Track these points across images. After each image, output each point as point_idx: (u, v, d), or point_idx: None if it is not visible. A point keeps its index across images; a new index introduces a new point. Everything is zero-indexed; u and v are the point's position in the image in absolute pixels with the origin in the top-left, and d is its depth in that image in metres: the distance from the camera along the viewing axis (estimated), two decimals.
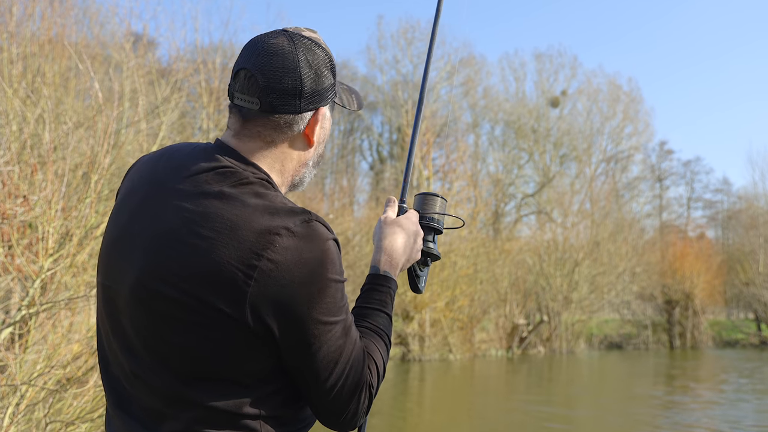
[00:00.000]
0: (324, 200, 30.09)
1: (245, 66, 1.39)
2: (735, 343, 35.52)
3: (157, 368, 1.31)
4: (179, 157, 1.42)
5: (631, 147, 45.15)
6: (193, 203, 1.31)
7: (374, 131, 43.24)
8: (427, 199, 1.80)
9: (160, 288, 1.28)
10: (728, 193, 50.97)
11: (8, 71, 9.25)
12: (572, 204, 36.45)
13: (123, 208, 1.43)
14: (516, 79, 43.96)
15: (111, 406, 1.40)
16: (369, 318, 1.50)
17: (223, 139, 1.45)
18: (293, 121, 1.41)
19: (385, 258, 1.60)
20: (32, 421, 5.28)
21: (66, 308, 6.10)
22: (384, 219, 1.68)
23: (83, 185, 7.08)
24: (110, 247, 1.41)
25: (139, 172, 1.46)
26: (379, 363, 1.44)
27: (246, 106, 1.39)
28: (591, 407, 15.18)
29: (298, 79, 1.38)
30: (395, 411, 13.89)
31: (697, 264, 34.86)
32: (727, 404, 15.38)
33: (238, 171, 1.36)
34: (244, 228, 1.27)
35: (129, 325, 1.34)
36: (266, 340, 1.29)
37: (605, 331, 34.19)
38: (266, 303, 1.25)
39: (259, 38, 1.42)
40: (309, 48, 1.41)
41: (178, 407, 1.30)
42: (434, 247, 1.78)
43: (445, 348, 25.53)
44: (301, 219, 1.30)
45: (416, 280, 1.79)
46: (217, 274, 1.25)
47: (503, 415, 13.84)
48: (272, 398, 1.34)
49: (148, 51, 16.41)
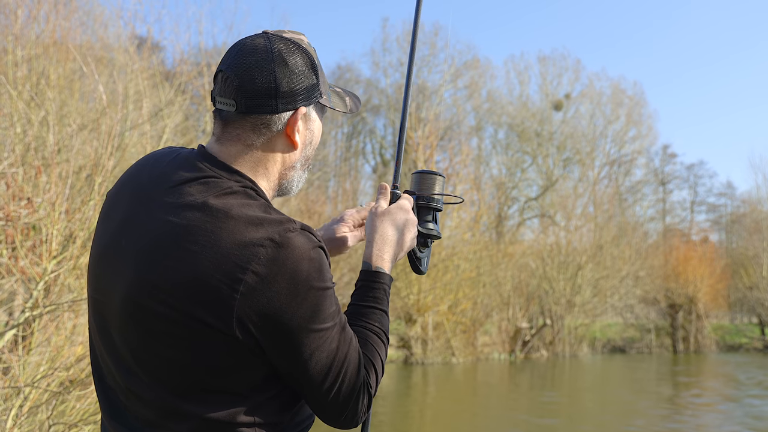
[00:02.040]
0: (327, 203, 30.05)
1: (222, 68, 1.39)
2: (738, 347, 35.40)
3: (149, 381, 1.30)
4: (162, 167, 1.41)
5: (634, 150, 45.11)
6: (177, 216, 1.30)
7: (377, 134, 43.26)
8: (424, 178, 1.76)
9: (148, 302, 1.28)
10: (732, 197, 50.93)
11: (13, 74, 9.26)
12: (575, 207, 36.37)
13: (108, 221, 1.42)
14: (520, 82, 43.95)
15: (106, 418, 1.40)
16: (364, 317, 1.49)
17: (207, 145, 1.44)
18: (270, 121, 1.39)
19: (376, 252, 1.57)
20: (35, 423, 5.28)
21: (69, 310, 6.10)
22: (375, 210, 1.65)
23: (87, 187, 7.09)
24: (98, 259, 1.41)
25: (124, 184, 1.45)
26: (376, 362, 1.43)
27: (224, 108, 1.39)
28: (594, 412, 15.14)
29: (272, 77, 1.36)
30: (397, 414, 13.87)
31: (701, 268, 34.76)
32: (732, 409, 15.33)
33: (221, 180, 1.35)
34: (229, 241, 1.26)
35: (119, 338, 1.33)
36: (257, 352, 1.28)
37: (608, 334, 34.10)
38: (254, 316, 1.25)
39: (239, 41, 1.43)
40: (286, 47, 1.39)
41: (173, 419, 1.29)
42: (434, 228, 1.75)
43: (447, 351, 25.49)
44: (286, 228, 1.29)
45: (417, 263, 1.76)
46: (202, 288, 1.24)
47: (506, 419, 13.82)
48: (267, 405, 1.33)
49: (153, 54, 16.42)
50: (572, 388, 19.92)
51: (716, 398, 17.43)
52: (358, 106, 1.60)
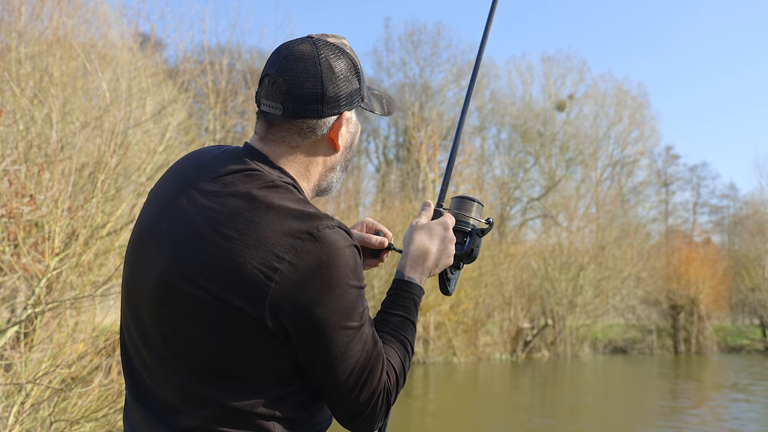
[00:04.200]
0: (330, 202, 30.06)
1: (269, 72, 1.42)
2: (740, 349, 35.36)
3: (175, 364, 1.33)
4: (208, 159, 1.45)
5: (637, 152, 45.02)
6: (219, 203, 1.33)
7: (380, 133, 43.23)
8: (463, 203, 1.80)
9: (182, 285, 1.30)
10: (734, 199, 50.78)
11: (16, 71, 9.28)
12: (578, 208, 36.36)
13: (151, 206, 1.45)
14: (523, 82, 43.88)
15: (130, 398, 1.43)
16: (391, 324, 1.51)
17: (250, 143, 1.47)
18: (316, 125, 1.42)
19: (411, 263, 1.59)
20: (37, 419, 5.30)
21: (71, 308, 6.11)
22: (415, 224, 1.67)
23: (90, 185, 7.10)
24: (136, 243, 1.44)
25: (171, 172, 1.49)
26: (398, 369, 1.45)
27: (270, 111, 1.42)
28: (595, 413, 15.14)
29: (319, 83, 1.39)
30: (398, 414, 13.87)
31: (703, 269, 34.72)
32: (733, 411, 15.32)
33: (265, 174, 1.38)
34: (268, 230, 1.29)
35: (150, 320, 1.36)
36: (284, 342, 1.30)
37: (610, 335, 34.08)
38: (286, 305, 1.27)
39: (284, 45, 1.45)
40: (332, 53, 1.42)
41: (195, 404, 1.31)
42: (468, 251, 1.76)
43: (449, 351, 25.50)
44: (325, 224, 1.32)
45: (446, 283, 1.79)
46: (238, 274, 1.27)
47: (507, 420, 13.82)
48: (287, 400, 1.35)
49: (156, 51, 16.44)
50: (573, 389, 19.91)
51: (716, 399, 17.42)
52: (393, 107, 1.64)
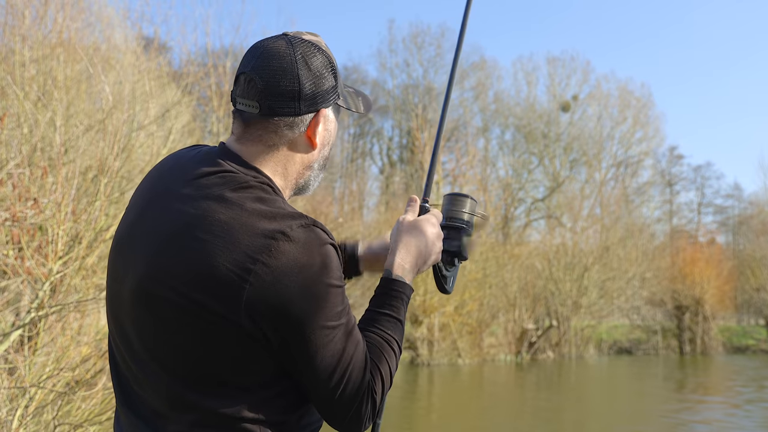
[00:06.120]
0: (334, 204, 30.10)
1: (245, 70, 1.41)
2: (745, 349, 35.28)
3: (158, 370, 1.32)
4: (183, 162, 1.44)
5: (641, 152, 44.99)
6: (193, 206, 1.32)
7: (384, 135, 43.30)
8: (455, 200, 1.79)
9: (159, 290, 1.29)
10: (739, 199, 50.66)
11: (20, 74, 9.29)
12: (582, 209, 36.32)
13: (128, 213, 1.45)
14: (528, 83, 43.89)
15: (119, 405, 1.42)
16: (377, 323, 1.48)
17: (226, 143, 1.46)
18: (293, 123, 1.41)
19: (398, 261, 1.57)
20: (41, 423, 5.30)
21: (75, 311, 6.12)
22: (401, 220, 1.65)
23: (93, 188, 7.10)
24: (115, 248, 1.44)
25: (149, 178, 1.49)
26: (384, 369, 1.42)
27: (247, 110, 1.41)
28: (600, 414, 15.11)
29: (296, 80, 1.38)
30: (403, 416, 13.85)
31: (708, 269, 34.65)
32: (739, 412, 15.27)
33: (239, 175, 1.37)
34: (241, 231, 1.27)
35: (131, 327, 1.35)
36: (263, 344, 1.29)
37: (615, 336, 34.01)
38: (262, 307, 1.25)
39: (259, 43, 1.44)
40: (308, 50, 1.41)
41: (180, 409, 1.30)
42: (459, 247, 1.75)
43: (453, 352, 25.48)
44: (299, 223, 1.30)
45: (442, 281, 1.77)
46: (213, 277, 1.25)
47: (511, 421, 13.79)
48: (273, 403, 1.33)
49: (159, 54, 16.45)
50: (579, 390, 19.87)
51: (723, 400, 17.37)
52: (369, 106, 1.62)
